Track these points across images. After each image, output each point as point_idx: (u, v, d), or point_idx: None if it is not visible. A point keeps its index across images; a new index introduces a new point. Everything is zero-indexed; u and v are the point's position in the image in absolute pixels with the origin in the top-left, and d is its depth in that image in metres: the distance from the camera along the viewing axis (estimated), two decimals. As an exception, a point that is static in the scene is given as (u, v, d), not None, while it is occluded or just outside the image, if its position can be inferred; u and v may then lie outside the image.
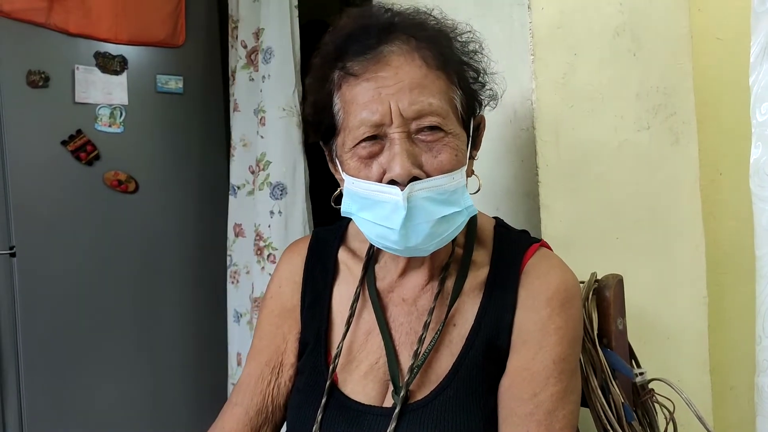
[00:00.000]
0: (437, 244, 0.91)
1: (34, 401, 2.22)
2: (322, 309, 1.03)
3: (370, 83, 0.88)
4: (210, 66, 2.57)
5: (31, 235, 2.23)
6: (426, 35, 0.91)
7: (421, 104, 0.87)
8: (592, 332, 1.05)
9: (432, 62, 0.89)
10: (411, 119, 0.87)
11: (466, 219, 0.92)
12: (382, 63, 0.88)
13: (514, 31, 1.28)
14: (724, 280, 1.45)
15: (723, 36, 1.51)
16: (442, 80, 0.90)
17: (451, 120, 0.89)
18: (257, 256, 2.06)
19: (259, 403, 1.03)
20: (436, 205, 0.88)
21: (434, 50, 0.90)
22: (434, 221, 0.88)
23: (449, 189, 0.88)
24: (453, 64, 0.92)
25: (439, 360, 0.94)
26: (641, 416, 1.08)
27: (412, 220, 0.87)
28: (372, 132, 0.88)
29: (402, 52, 0.89)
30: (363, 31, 0.91)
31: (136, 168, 2.42)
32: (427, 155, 0.88)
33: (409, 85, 0.87)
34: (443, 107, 0.88)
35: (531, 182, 1.27)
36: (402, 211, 0.86)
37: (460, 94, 0.92)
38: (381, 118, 0.87)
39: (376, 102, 0.87)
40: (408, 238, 0.89)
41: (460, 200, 0.90)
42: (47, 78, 2.24)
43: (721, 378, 1.42)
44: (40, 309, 2.23)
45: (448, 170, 0.88)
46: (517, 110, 1.28)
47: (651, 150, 1.34)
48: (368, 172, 0.89)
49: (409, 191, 0.86)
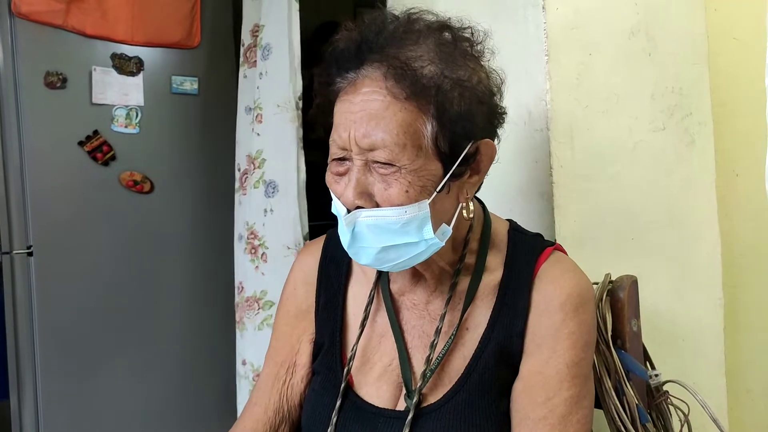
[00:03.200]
0: (392, 267, 0.93)
1: (51, 401, 2.23)
2: (336, 310, 1.04)
3: (344, 105, 0.88)
4: (225, 67, 2.57)
5: (48, 235, 2.24)
6: (407, 57, 0.86)
7: (372, 138, 0.85)
8: (606, 333, 1.05)
9: (400, 92, 0.85)
10: (366, 150, 0.86)
11: (427, 249, 0.90)
12: (356, 86, 0.87)
13: (529, 31, 1.27)
14: (740, 282, 1.44)
15: (739, 36, 1.50)
16: (408, 112, 0.85)
17: (407, 155, 0.85)
18: (251, 255, 2.04)
19: (276, 402, 1.05)
20: (383, 233, 0.87)
21: (407, 79, 0.85)
22: (379, 248, 0.89)
23: (399, 221, 0.86)
24: (433, 91, 0.85)
25: (451, 363, 0.95)
26: (655, 418, 1.07)
27: (358, 243, 0.90)
28: (339, 154, 0.89)
29: (372, 79, 0.86)
30: (351, 48, 0.89)
31: (152, 168, 2.43)
32: (380, 186, 0.87)
33: (368, 115, 0.85)
34: (398, 142, 0.85)
35: (545, 183, 1.26)
36: (347, 233, 0.89)
37: (433, 126, 0.86)
38: (343, 143, 0.88)
39: (342, 126, 0.88)
40: (358, 256, 0.92)
41: (416, 232, 0.88)
42: (65, 79, 2.26)
43: (736, 380, 1.41)
44: (57, 308, 2.25)
45: (398, 204, 0.86)
46: (532, 111, 1.28)
47: (666, 151, 1.34)
48: (336, 188, 0.91)
49: (353, 218, 0.88)
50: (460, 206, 0.93)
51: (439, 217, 0.90)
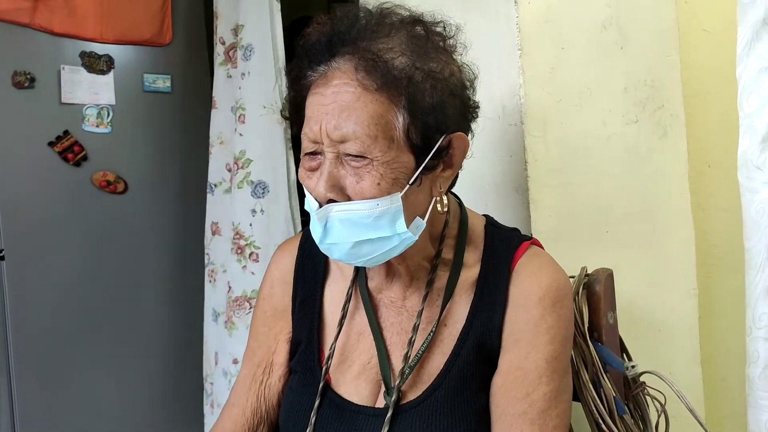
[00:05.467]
0: (366, 262, 0.92)
1: (26, 404, 2.20)
2: (314, 308, 1.04)
3: (315, 98, 0.88)
4: (198, 64, 2.55)
5: (19, 238, 2.21)
6: (378, 48, 0.86)
7: (344, 130, 0.85)
8: (583, 327, 1.05)
9: (371, 84, 0.85)
10: (337, 142, 0.86)
11: (401, 244, 0.89)
12: (327, 79, 0.87)
13: (501, 26, 1.27)
14: (713, 272, 1.46)
15: (710, 27, 1.51)
16: (379, 103, 0.85)
17: (379, 146, 0.85)
18: (237, 255, 2.04)
19: (254, 403, 1.04)
20: (355, 228, 0.87)
21: (380, 69, 0.85)
22: (351, 243, 0.88)
23: (372, 214, 0.86)
24: (405, 82, 0.85)
25: (430, 360, 0.94)
26: (633, 409, 1.08)
27: (330, 238, 0.89)
28: (311, 148, 0.89)
29: (343, 71, 0.86)
30: (316, 44, 0.89)
31: (125, 168, 2.40)
32: (352, 179, 0.86)
33: (340, 107, 0.85)
34: (369, 134, 0.84)
35: (520, 177, 1.27)
36: (319, 228, 0.88)
37: (404, 118, 0.86)
38: (315, 136, 0.87)
39: (314, 119, 0.87)
40: (331, 252, 0.91)
41: (389, 226, 0.87)
42: (33, 79, 2.22)
43: (712, 369, 1.42)
44: (30, 312, 2.22)
45: (369, 197, 0.85)
46: (505, 105, 1.28)
47: (639, 143, 1.35)
48: (309, 183, 0.90)
49: (325, 212, 0.87)
50: (434, 200, 0.93)
51: (412, 211, 0.89)
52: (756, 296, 0.90)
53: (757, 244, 0.90)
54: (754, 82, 0.88)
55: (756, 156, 0.89)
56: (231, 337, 2.04)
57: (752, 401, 0.92)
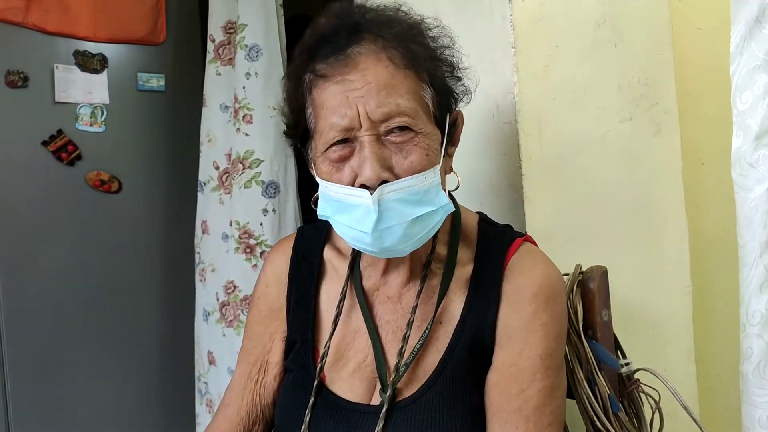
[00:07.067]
0: (413, 244, 0.91)
1: (20, 404, 2.19)
2: (309, 307, 1.04)
3: (338, 86, 0.88)
4: (192, 63, 2.53)
5: (12, 237, 2.19)
6: (394, 33, 0.90)
7: (389, 106, 0.86)
8: (578, 324, 1.05)
9: (399, 61, 0.88)
10: (380, 122, 0.87)
11: (443, 217, 0.91)
12: (350, 65, 0.88)
13: (495, 24, 1.27)
14: (707, 269, 1.46)
15: (703, 25, 1.51)
16: (411, 79, 0.89)
17: (421, 119, 0.89)
18: (246, 254, 2.05)
19: (249, 402, 1.05)
20: (409, 206, 0.87)
21: (402, 49, 0.89)
22: (408, 222, 0.88)
23: (422, 189, 0.87)
24: (423, 61, 0.91)
25: (426, 358, 0.95)
26: (627, 407, 1.08)
27: (384, 223, 0.87)
28: (342, 136, 0.88)
29: (369, 53, 0.88)
30: (332, 33, 0.90)
31: (119, 167, 2.39)
32: (398, 157, 0.87)
33: (377, 86, 0.86)
34: (412, 107, 0.88)
35: (514, 175, 1.27)
36: (373, 214, 0.86)
37: (431, 92, 0.91)
38: (350, 122, 0.87)
39: (345, 106, 0.87)
40: (382, 240, 0.89)
41: (435, 199, 0.89)
42: (26, 78, 2.20)
43: (706, 366, 1.43)
44: (24, 313, 2.20)
45: (419, 170, 0.87)
46: (500, 104, 1.28)
47: (633, 141, 1.35)
48: (340, 176, 0.89)
49: (380, 194, 0.86)
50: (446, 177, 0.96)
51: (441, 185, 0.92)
52: (750, 293, 0.90)
53: (750, 241, 0.90)
54: (747, 80, 0.89)
55: (749, 153, 0.89)
56: (239, 336, 2.03)
57: (746, 398, 0.93)
